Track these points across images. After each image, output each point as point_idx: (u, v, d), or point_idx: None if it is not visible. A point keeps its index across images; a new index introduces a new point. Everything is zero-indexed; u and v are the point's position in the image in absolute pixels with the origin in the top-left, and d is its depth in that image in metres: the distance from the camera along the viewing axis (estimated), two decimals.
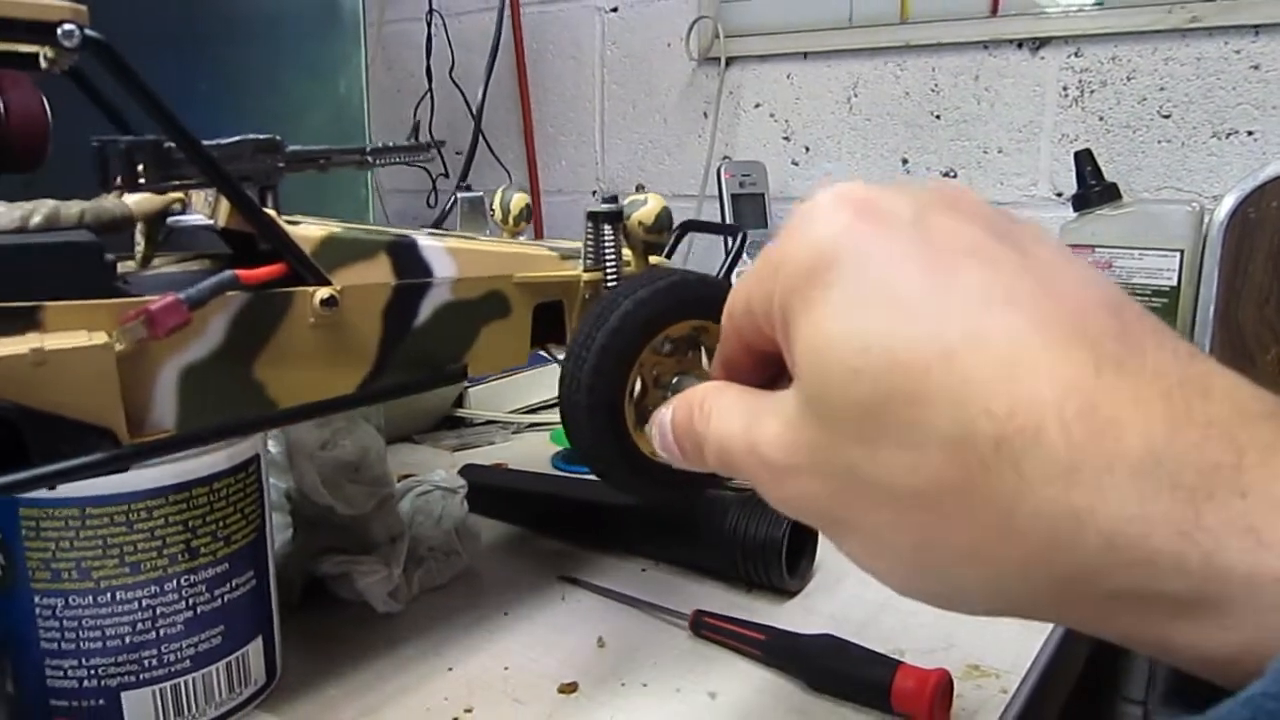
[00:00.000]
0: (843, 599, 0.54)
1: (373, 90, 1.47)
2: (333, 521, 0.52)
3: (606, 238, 0.41)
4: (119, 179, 0.34)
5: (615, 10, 1.22)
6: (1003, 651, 0.48)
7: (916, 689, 0.41)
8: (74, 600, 0.38)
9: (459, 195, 0.51)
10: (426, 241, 0.39)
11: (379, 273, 0.37)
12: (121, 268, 0.40)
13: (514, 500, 0.65)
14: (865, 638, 0.48)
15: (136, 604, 0.39)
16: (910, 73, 1.04)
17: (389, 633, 0.50)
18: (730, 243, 0.54)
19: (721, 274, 0.51)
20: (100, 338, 0.30)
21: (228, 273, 0.32)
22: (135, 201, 0.39)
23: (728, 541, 0.54)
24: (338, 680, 0.46)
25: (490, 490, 0.65)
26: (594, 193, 1.28)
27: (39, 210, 0.35)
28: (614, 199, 0.42)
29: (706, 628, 0.49)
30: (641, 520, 0.58)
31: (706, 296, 0.36)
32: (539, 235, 1.31)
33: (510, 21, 1.29)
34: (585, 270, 0.42)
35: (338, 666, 0.47)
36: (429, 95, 1.29)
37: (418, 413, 0.81)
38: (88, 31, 0.28)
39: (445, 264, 0.39)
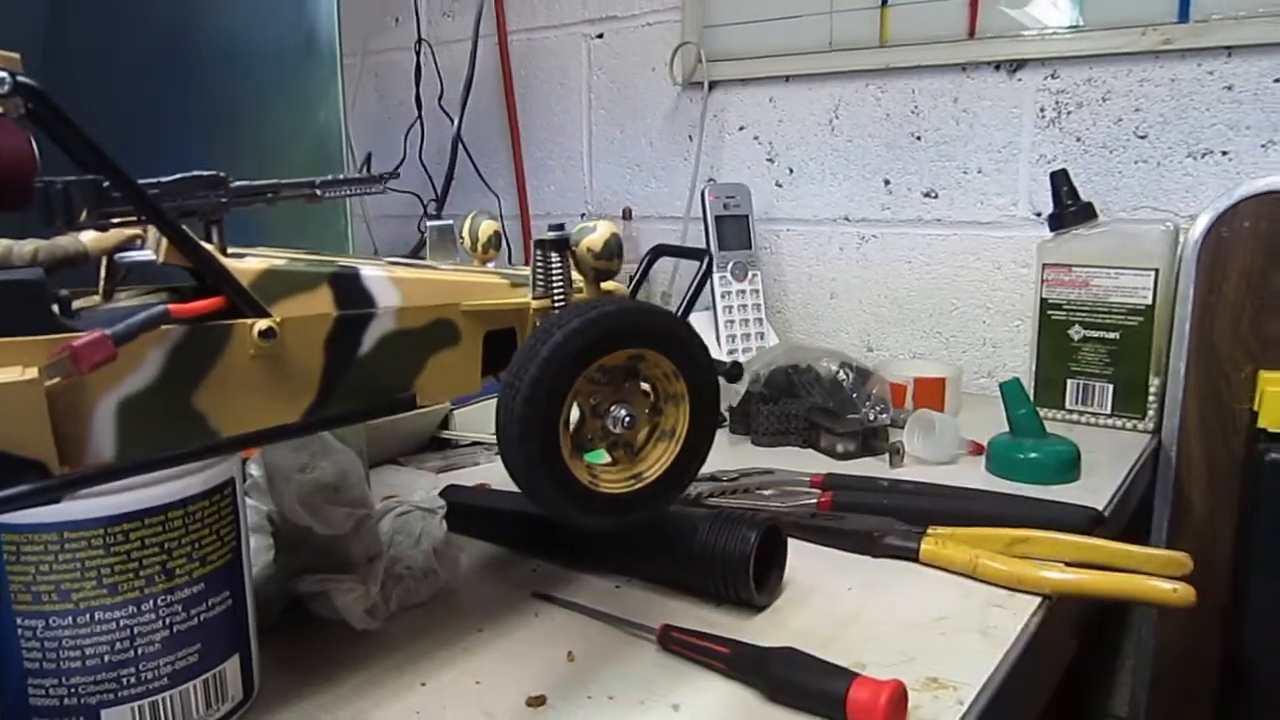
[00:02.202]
0: (810, 613, 0.55)
1: (364, 118, 1.50)
2: (312, 542, 0.54)
3: (554, 265, 0.43)
4: (60, 219, 0.35)
5: (601, 36, 1.25)
6: (962, 666, 0.49)
7: (870, 700, 0.42)
8: (54, 621, 0.40)
9: (428, 224, 0.52)
10: (370, 272, 0.41)
11: (320, 304, 0.39)
12: (83, 303, 0.42)
13: (493, 520, 0.66)
14: (829, 651, 0.49)
15: (115, 624, 0.40)
16: (890, 95, 1.06)
17: (365, 649, 0.51)
18: (699, 267, 0.56)
19: (685, 301, 0.53)
20: (32, 373, 0.32)
21: (158, 307, 0.34)
22: (91, 239, 0.41)
23: (697, 558, 0.55)
24: (314, 696, 0.47)
25: (470, 510, 0.66)
26: (582, 215, 1.30)
27: None
28: (560, 226, 0.43)
29: (673, 641, 0.50)
30: (615, 538, 0.60)
31: (643, 325, 0.37)
32: (528, 260, 1.33)
33: (498, 48, 1.31)
34: (534, 298, 0.44)
35: (314, 682, 0.48)
36: (418, 122, 1.31)
37: (403, 435, 0.82)
38: (19, 78, 0.30)
39: (388, 293, 0.41)
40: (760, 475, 0.74)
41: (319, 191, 0.44)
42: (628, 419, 0.40)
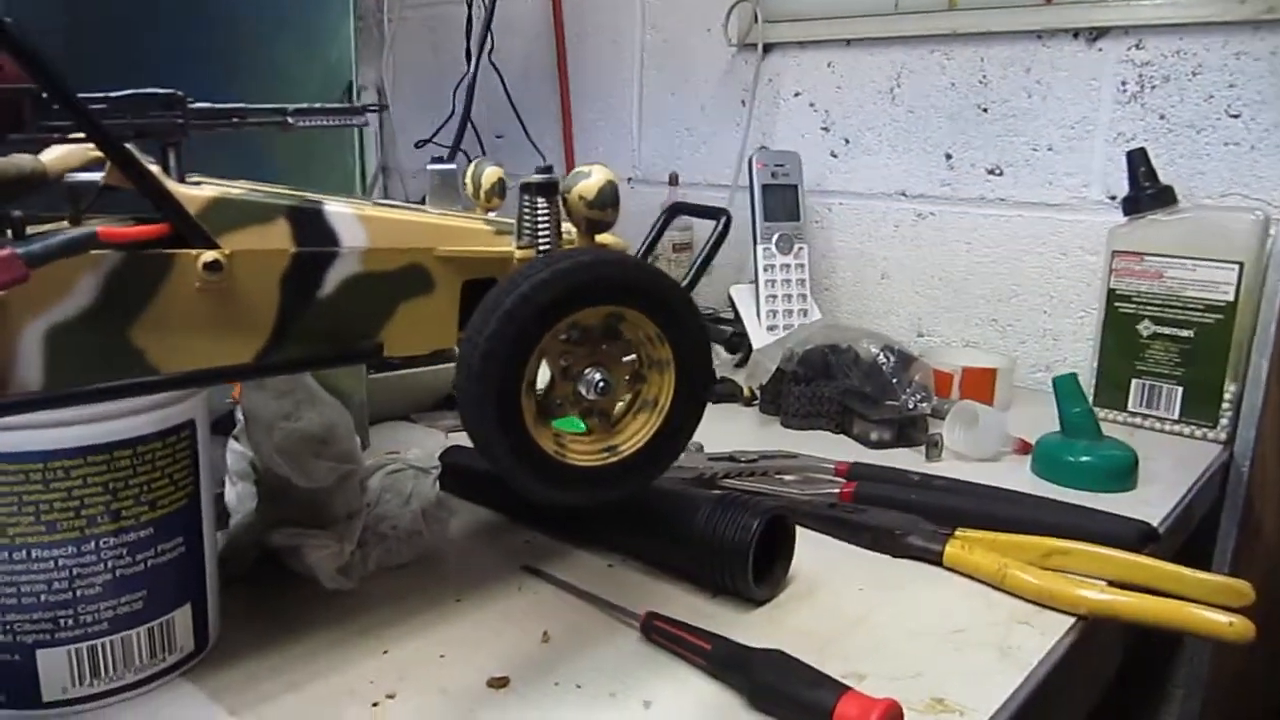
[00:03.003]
0: (812, 612, 0.50)
1: (416, 72, 1.47)
2: (292, 494, 0.51)
3: (541, 211, 0.39)
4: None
5: None
6: (974, 687, 0.44)
7: (858, 718, 0.38)
8: None
9: (429, 168, 0.49)
10: (334, 208, 0.37)
11: (276, 238, 0.36)
12: (48, 228, 0.39)
13: (490, 485, 0.63)
14: (825, 656, 0.45)
15: (53, 563, 0.38)
16: (957, 63, 0.99)
17: (336, 609, 0.49)
18: (715, 227, 0.52)
19: (696, 265, 0.48)
20: None
21: (85, 229, 0.31)
22: (52, 158, 0.39)
23: (696, 542, 0.51)
24: (270, 653, 0.45)
25: (467, 474, 0.63)
26: (629, 179, 1.25)
27: None
28: (549, 169, 0.39)
29: (656, 631, 0.46)
30: (611, 515, 0.56)
31: (621, 281, 0.33)
32: None
33: (551, 4, 1.27)
34: (518, 247, 0.40)
35: (275, 640, 0.46)
36: (469, 77, 1.28)
37: (416, 390, 0.80)
38: None
39: (354, 232, 0.38)
40: (782, 459, 0.69)
41: (291, 119, 0.40)
42: (601, 384, 0.36)
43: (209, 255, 0.35)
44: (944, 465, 0.74)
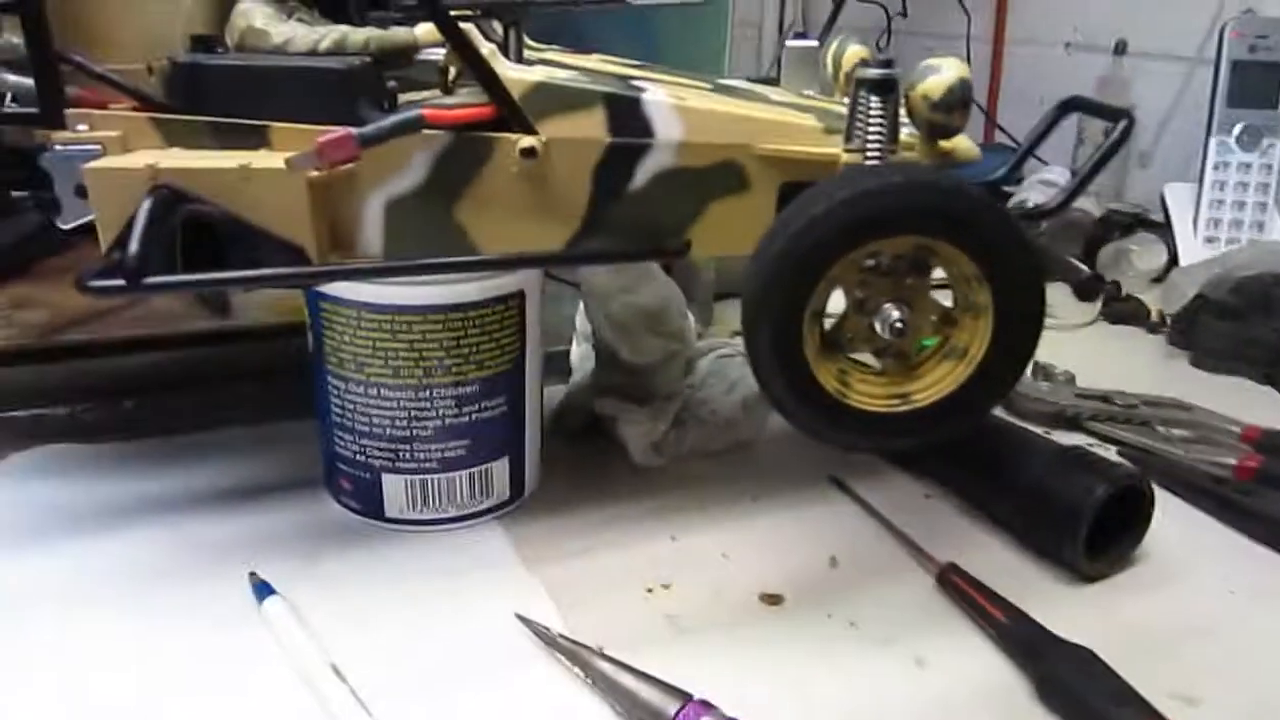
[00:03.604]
0: (1155, 606, 0.43)
1: None
2: (620, 366, 0.53)
3: (874, 112, 0.34)
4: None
5: None
6: None
7: None
8: (352, 387, 0.44)
9: (787, 44, 0.45)
10: (653, 97, 0.35)
11: (592, 127, 0.35)
12: (418, 95, 0.42)
13: None
14: (1154, 665, 0.38)
15: (395, 403, 0.43)
16: None
17: (641, 483, 0.51)
18: (1113, 133, 0.42)
19: (1081, 178, 0.40)
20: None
21: (414, 112, 0.32)
22: (424, 30, 0.41)
23: (1026, 494, 0.45)
24: (573, 513, 0.48)
25: None
26: (1066, 45, 1.08)
27: (329, 35, 0.38)
28: (889, 62, 0.34)
29: (952, 585, 0.42)
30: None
31: (933, 209, 0.28)
32: (993, 95, 1.16)
33: None
34: (845, 150, 0.35)
35: (582, 501, 0.49)
36: None
37: None
38: None
39: (671, 124, 0.36)
40: (1172, 408, 0.58)
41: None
42: (899, 324, 0.32)
43: (526, 141, 0.35)
44: None
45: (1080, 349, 0.69)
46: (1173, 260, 0.83)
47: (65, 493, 0.47)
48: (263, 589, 0.40)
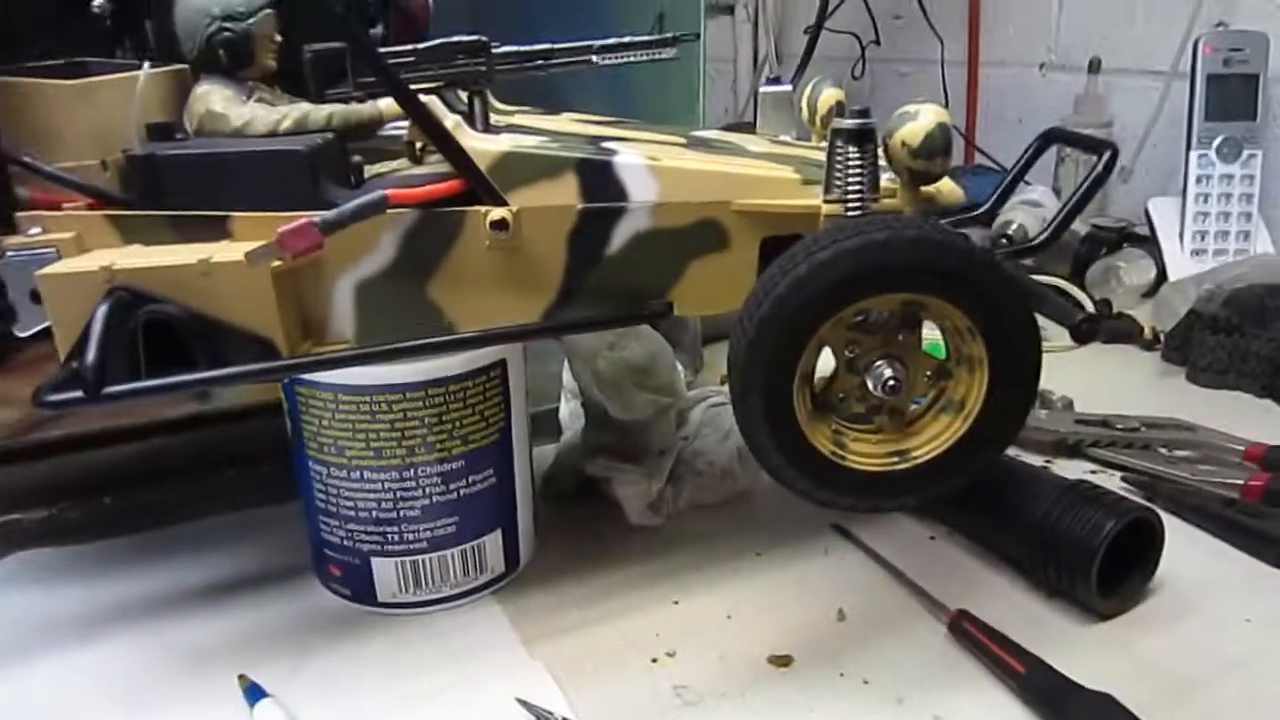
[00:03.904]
0: (1173, 641, 0.41)
1: None
2: (610, 424, 0.52)
3: (853, 163, 0.33)
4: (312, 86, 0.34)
5: None
6: None
7: None
8: (334, 471, 0.42)
9: (761, 90, 0.44)
10: (626, 160, 0.35)
11: (564, 194, 0.34)
12: (382, 168, 0.42)
13: None
14: (1179, 706, 0.37)
15: (380, 485, 0.42)
16: None
17: (639, 544, 0.50)
18: (1095, 165, 0.42)
19: (1062, 214, 0.39)
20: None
21: (377, 194, 0.31)
22: (387, 105, 0.40)
23: (1034, 531, 0.44)
24: (572, 583, 0.46)
25: None
26: (1041, 66, 1.08)
27: (291, 115, 0.38)
28: (865, 112, 0.33)
29: (965, 635, 0.41)
30: None
31: (921, 264, 0.27)
32: (970, 117, 1.16)
33: None
34: (825, 200, 0.35)
35: (579, 569, 0.47)
36: None
37: None
38: None
39: (646, 186, 0.35)
40: (1174, 429, 0.57)
41: (596, 58, 0.38)
42: (892, 382, 0.31)
43: (496, 213, 0.34)
44: None
45: (1075, 372, 0.68)
46: (1161, 275, 0.82)
47: (44, 603, 0.46)
48: (254, 692, 0.38)
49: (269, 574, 0.47)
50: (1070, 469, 0.48)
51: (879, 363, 0.31)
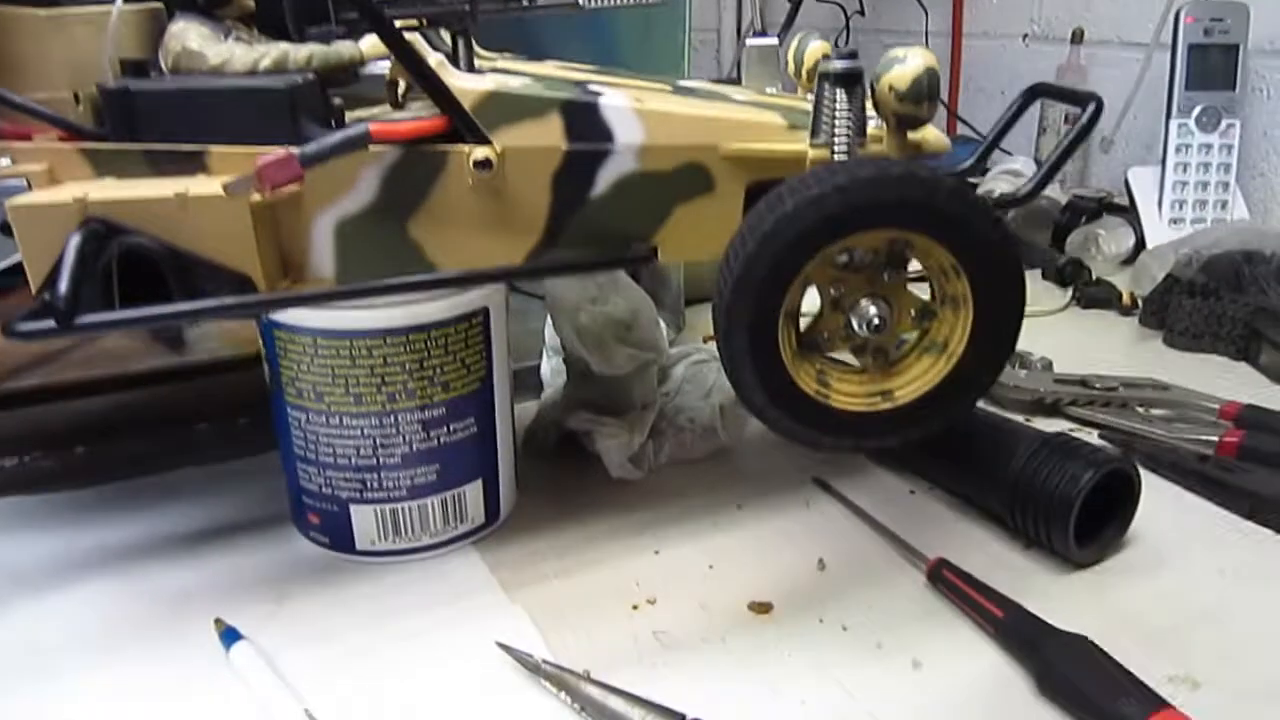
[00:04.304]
0: (1147, 590, 0.42)
1: None
2: (592, 379, 0.52)
3: (840, 106, 0.33)
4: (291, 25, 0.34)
5: None
6: None
7: None
8: (312, 417, 0.42)
9: (747, 43, 0.44)
10: (611, 101, 0.34)
11: (548, 135, 0.34)
12: (366, 112, 0.41)
13: None
14: (1151, 649, 0.37)
15: (359, 432, 0.42)
16: None
17: (620, 497, 0.49)
18: (1082, 117, 0.42)
19: (1049, 165, 0.39)
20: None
21: (359, 127, 0.31)
22: (369, 45, 0.39)
23: (1011, 484, 0.44)
24: (552, 534, 0.46)
25: None
26: (1024, 36, 1.08)
27: (270, 54, 0.37)
28: (853, 54, 0.33)
29: (944, 582, 0.41)
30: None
31: (907, 201, 0.27)
32: (954, 88, 1.16)
33: None
34: (811, 145, 0.34)
35: (560, 520, 0.47)
36: None
37: None
38: None
39: (631, 128, 0.34)
40: (1151, 389, 0.58)
41: (583, 3, 0.38)
42: (877, 321, 0.31)
43: (480, 153, 0.34)
44: None
45: (1054, 335, 0.69)
46: (1140, 243, 0.83)
47: (15, 550, 0.45)
48: (230, 635, 0.38)
49: (246, 523, 0.47)
50: (1049, 427, 0.48)
51: (864, 301, 0.31)
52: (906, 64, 0.33)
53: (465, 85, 0.34)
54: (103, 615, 0.41)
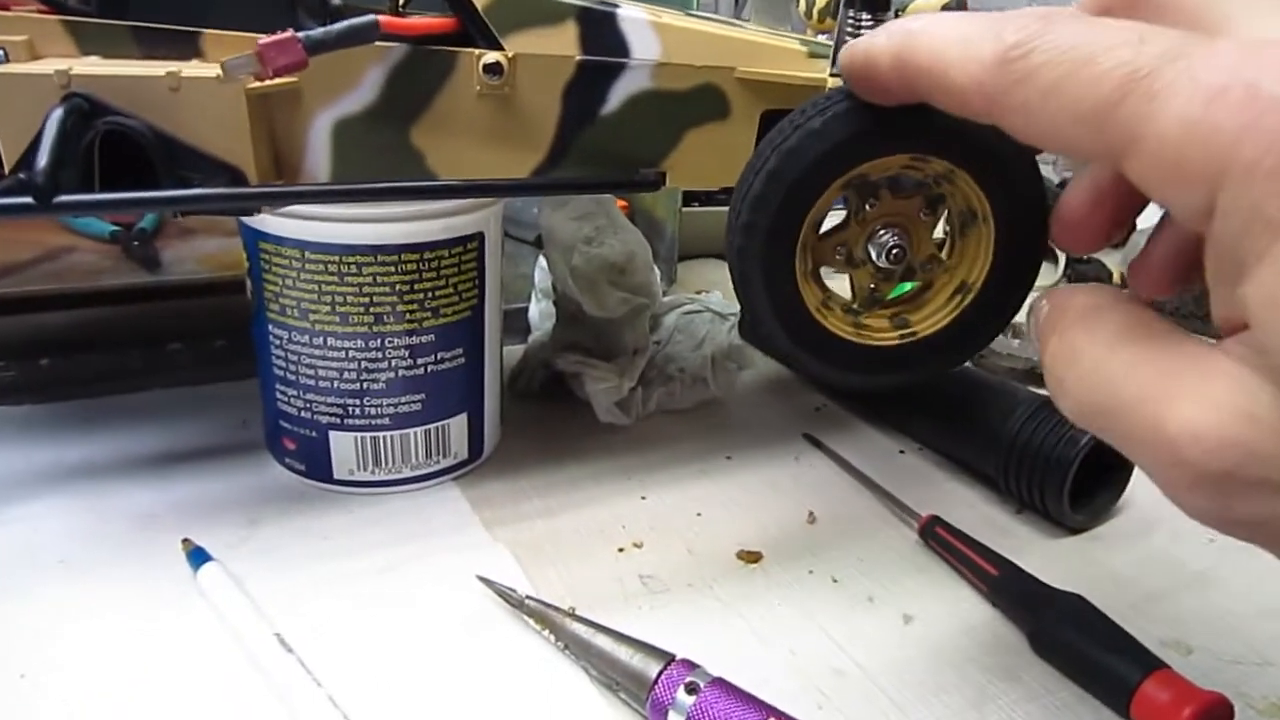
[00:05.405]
0: (1140, 556, 0.42)
1: None
2: (583, 321, 0.51)
3: (865, 28, 0.31)
4: None
5: None
6: None
7: (1169, 709, 0.30)
8: (295, 336, 0.40)
9: None
10: (629, 13, 0.33)
11: (562, 43, 0.32)
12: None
13: None
14: (1143, 614, 0.37)
15: (344, 354, 0.40)
16: None
17: (607, 442, 0.48)
18: None
19: None
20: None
21: (368, 17, 0.29)
22: None
23: (1005, 446, 0.44)
24: (536, 474, 0.45)
25: None
26: (1030, 4, 1.07)
27: None
28: None
29: (936, 539, 0.40)
30: (915, 396, 0.49)
31: (943, 126, 0.26)
32: None
33: None
34: (831, 73, 0.33)
35: (544, 461, 0.46)
36: None
37: None
38: None
39: (648, 43, 0.33)
40: None
41: None
42: (895, 250, 0.29)
43: (490, 57, 0.32)
44: None
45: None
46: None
47: None
48: (198, 555, 0.36)
49: (217, 448, 0.45)
50: (1043, 394, 0.48)
51: (882, 229, 0.29)
52: None
53: None
54: (66, 529, 0.39)
